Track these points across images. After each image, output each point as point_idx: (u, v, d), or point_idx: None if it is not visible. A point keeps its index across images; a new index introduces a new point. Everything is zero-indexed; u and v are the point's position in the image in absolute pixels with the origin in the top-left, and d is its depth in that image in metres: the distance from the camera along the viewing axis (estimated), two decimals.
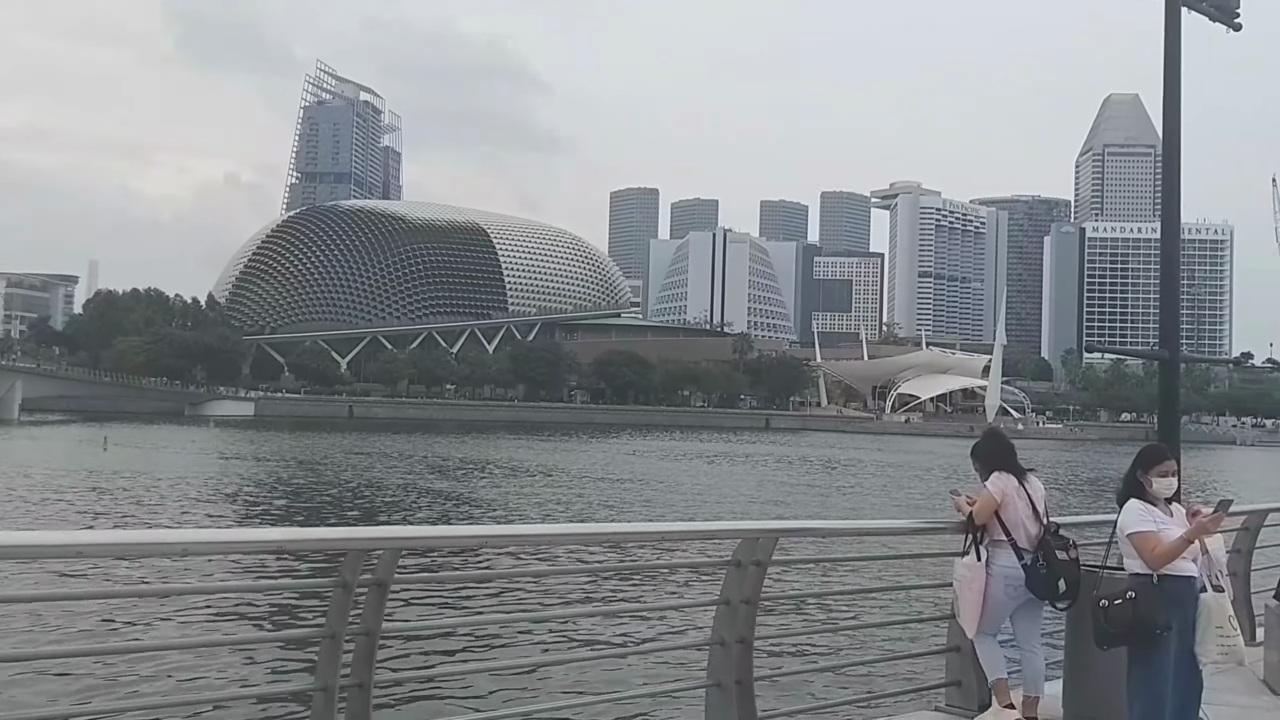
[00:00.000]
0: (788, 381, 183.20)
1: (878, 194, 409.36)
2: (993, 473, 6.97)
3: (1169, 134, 8.03)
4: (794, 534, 8.08)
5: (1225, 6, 8.33)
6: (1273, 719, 7.55)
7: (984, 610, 6.75)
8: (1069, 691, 7.00)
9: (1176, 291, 8.27)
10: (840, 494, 46.36)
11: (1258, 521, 10.03)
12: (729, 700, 6.01)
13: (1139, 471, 6.27)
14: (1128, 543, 6.14)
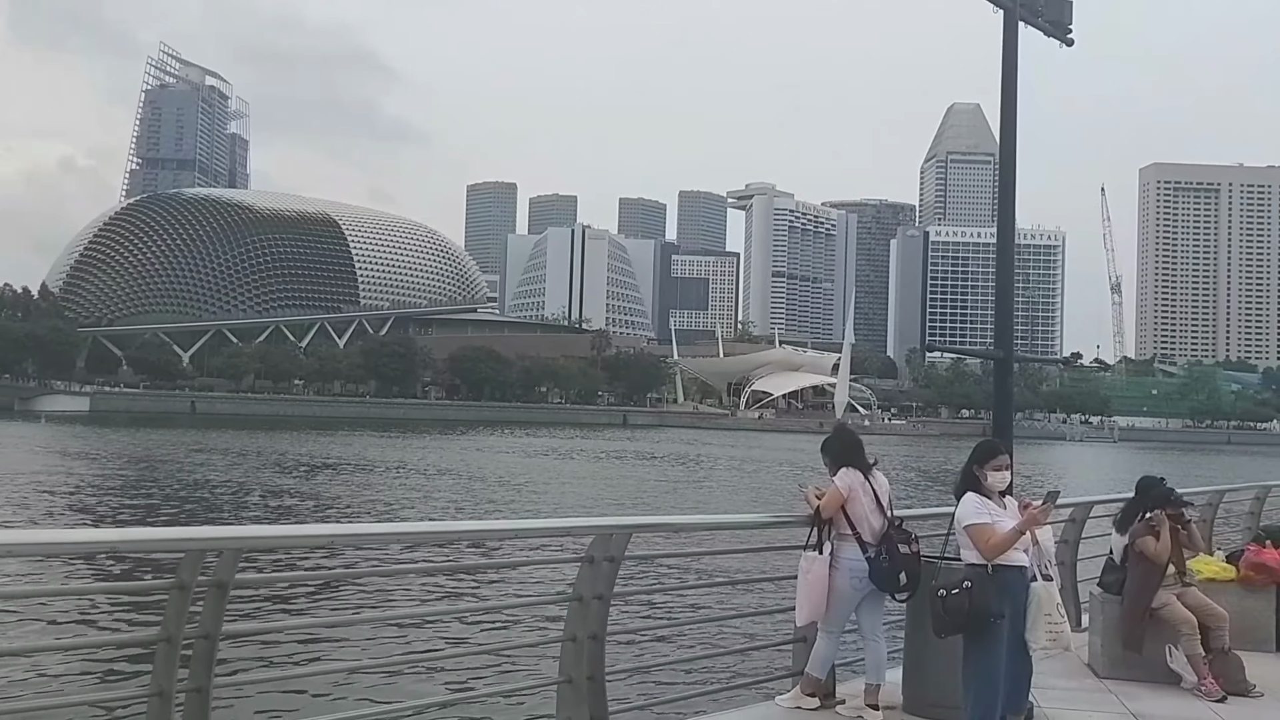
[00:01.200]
0: (645, 378, 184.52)
1: (734, 194, 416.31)
2: (841, 468, 7.15)
3: (1005, 143, 8.37)
4: (647, 529, 8.11)
5: (1059, 22, 8.73)
6: (1096, 700, 7.95)
7: (830, 603, 6.93)
8: (908, 679, 7.22)
9: (1010, 294, 8.65)
10: (695, 489, 46.95)
11: (1084, 513, 10.55)
12: (580, 696, 6.00)
13: (975, 466, 6.50)
14: (964, 534, 6.35)
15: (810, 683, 7.08)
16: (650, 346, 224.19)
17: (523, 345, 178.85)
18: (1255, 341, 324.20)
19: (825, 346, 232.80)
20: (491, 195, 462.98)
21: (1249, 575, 9.81)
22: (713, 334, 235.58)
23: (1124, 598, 8.64)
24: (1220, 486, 14.78)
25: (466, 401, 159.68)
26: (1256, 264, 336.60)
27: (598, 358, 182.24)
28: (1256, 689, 8.14)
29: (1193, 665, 8.15)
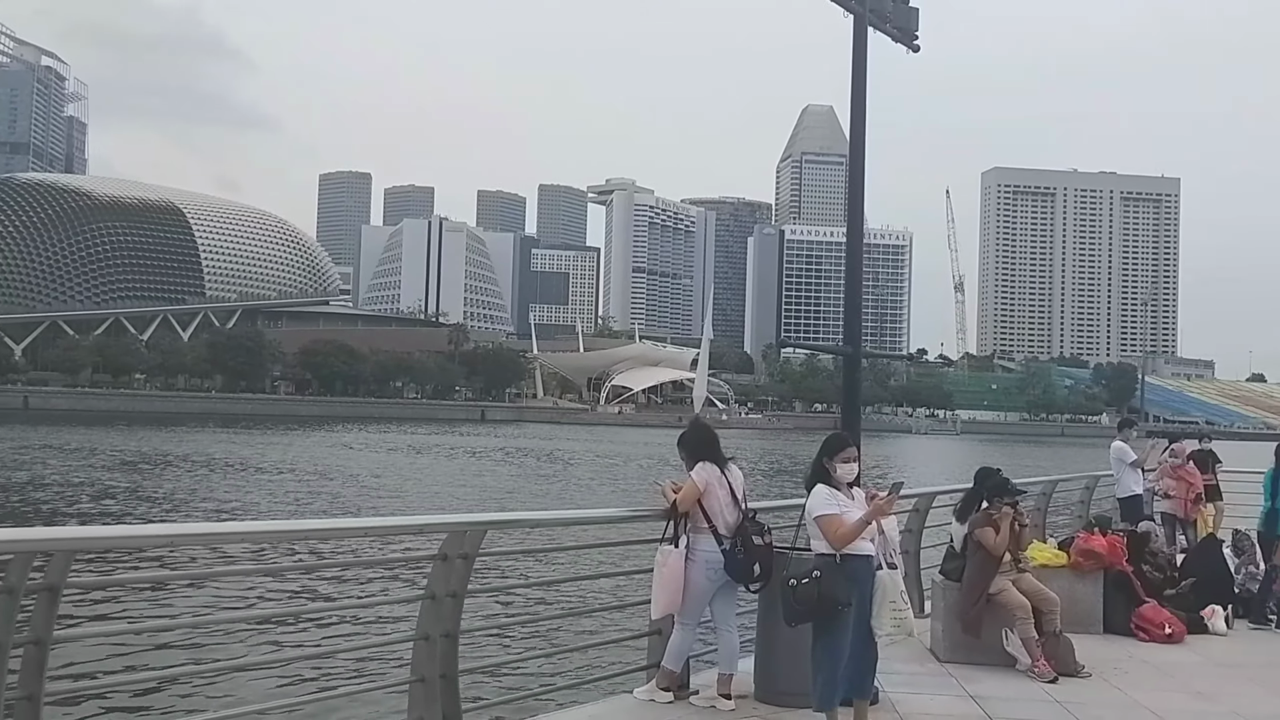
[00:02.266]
0: (504, 373, 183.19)
1: (594, 189, 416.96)
2: (697, 462, 7.24)
3: (855, 144, 8.61)
4: (503, 525, 8.06)
5: (906, 29, 9.02)
6: (937, 683, 8.25)
7: (686, 595, 7.02)
8: (760, 667, 7.37)
9: (859, 293, 8.89)
10: (553, 485, 46.86)
11: (927, 503, 10.95)
12: (433, 694, 5.93)
13: (824, 458, 6.66)
14: (814, 525, 6.50)
15: (666, 675, 7.16)
16: (509, 341, 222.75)
17: (377, 339, 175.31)
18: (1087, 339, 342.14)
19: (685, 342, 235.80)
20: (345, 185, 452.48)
21: (1079, 561, 10.35)
22: (573, 329, 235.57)
23: (962, 584, 9.00)
24: (1053, 477, 15.56)
25: (318, 397, 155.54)
26: (1089, 265, 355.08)
27: (455, 352, 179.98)
28: (1085, 669, 8.59)
29: (1027, 648, 8.54)
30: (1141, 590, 10.55)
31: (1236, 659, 9.56)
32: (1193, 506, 13.79)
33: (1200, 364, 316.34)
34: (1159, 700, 7.91)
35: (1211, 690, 8.36)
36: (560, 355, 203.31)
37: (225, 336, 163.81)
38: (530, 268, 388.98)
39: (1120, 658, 9.25)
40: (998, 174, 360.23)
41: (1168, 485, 13.94)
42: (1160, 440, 15.37)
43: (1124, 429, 15.17)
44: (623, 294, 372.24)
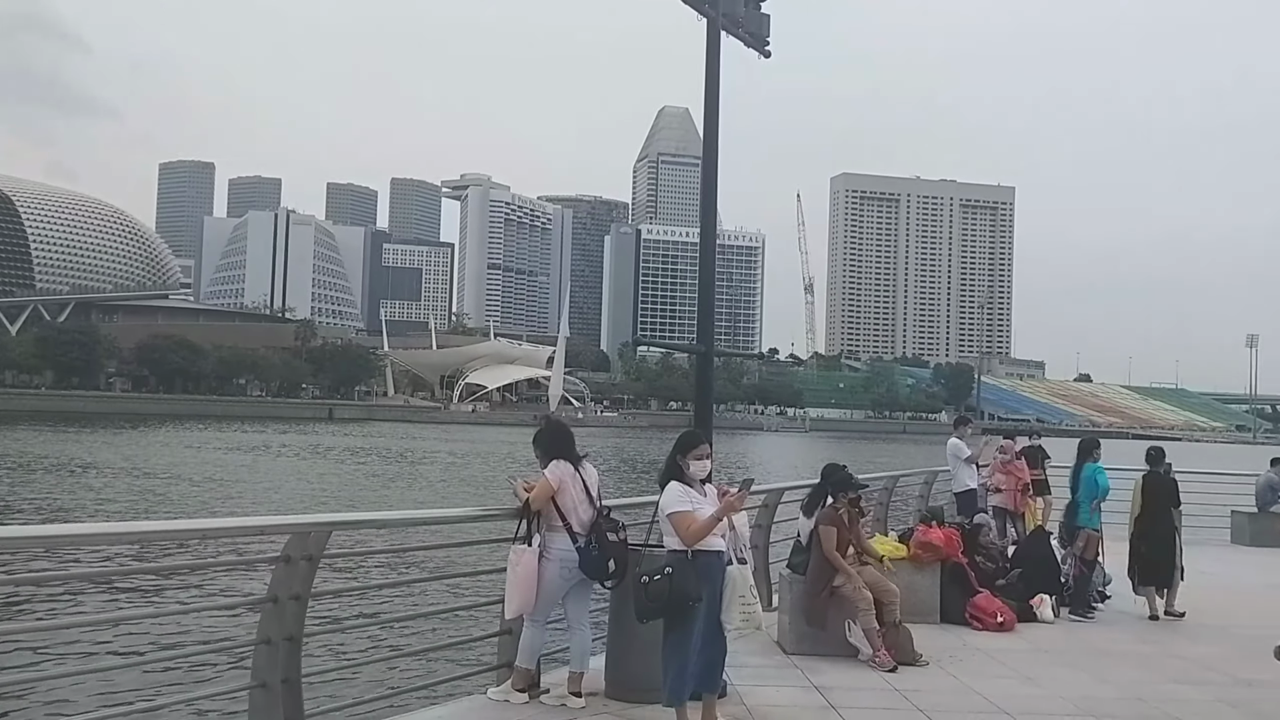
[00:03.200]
0: (353, 370, 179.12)
1: (449, 184, 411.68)
2: (551, 460, 7.24)
3: (708, 146, 8.73)
4: (349, 526, 7.90)
5: (758, 35, 9.20)
6: (783, 675, 8.45)
7: (539, 594, 7.00)
8: (611, 664, 7.40)
9: (712, 292, 9.03)
10: (404, 484, 46.07)
11: (776, 499, 11.19)
12: (274, 700, 5.76)
13: (678, 455, 6.74)
14: (667, 522, 6.57)
15: (520, 675, 7.13)
16: (359, 338, 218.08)
17: (220, 334, 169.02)
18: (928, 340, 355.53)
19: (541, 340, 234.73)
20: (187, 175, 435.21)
21: (918, 554, 10.75)
22: (426, 326, 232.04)
23: (807, 577, 9.24)
24: (895, 472, 16.09)
25: (156, 394, 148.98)
26: (930, 269, 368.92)
27: (302, 349, 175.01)
28: (923, 658, 8.93)
29: (868, 639, 8.82)
30: (975, 581, 11.04)
31: (1061, 645, 10.09)
32: (1022, 500, 14.48)
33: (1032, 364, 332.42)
34: (991, 686, 8.28)
35: (1040, 675, 8.80)
36: (412, 352, 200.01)
37: (56, 331, 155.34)
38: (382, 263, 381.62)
39: (956, 646, 9.64)
40: (846, 180, 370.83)
41: (999, 480, 14.60)
42: (994, 437, 16.11)
43: (960, 426, 15.84)
44: (477, 291, 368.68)
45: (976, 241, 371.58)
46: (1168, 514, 11.98)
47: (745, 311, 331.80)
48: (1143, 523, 11.93)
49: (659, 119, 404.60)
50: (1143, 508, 12.00)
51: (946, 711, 7.53)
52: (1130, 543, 11.96)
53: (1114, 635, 10.67)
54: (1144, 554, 11.74)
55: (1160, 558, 11.69)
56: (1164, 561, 11.68)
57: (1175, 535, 11.92)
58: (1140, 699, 8.17)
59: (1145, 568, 11.73)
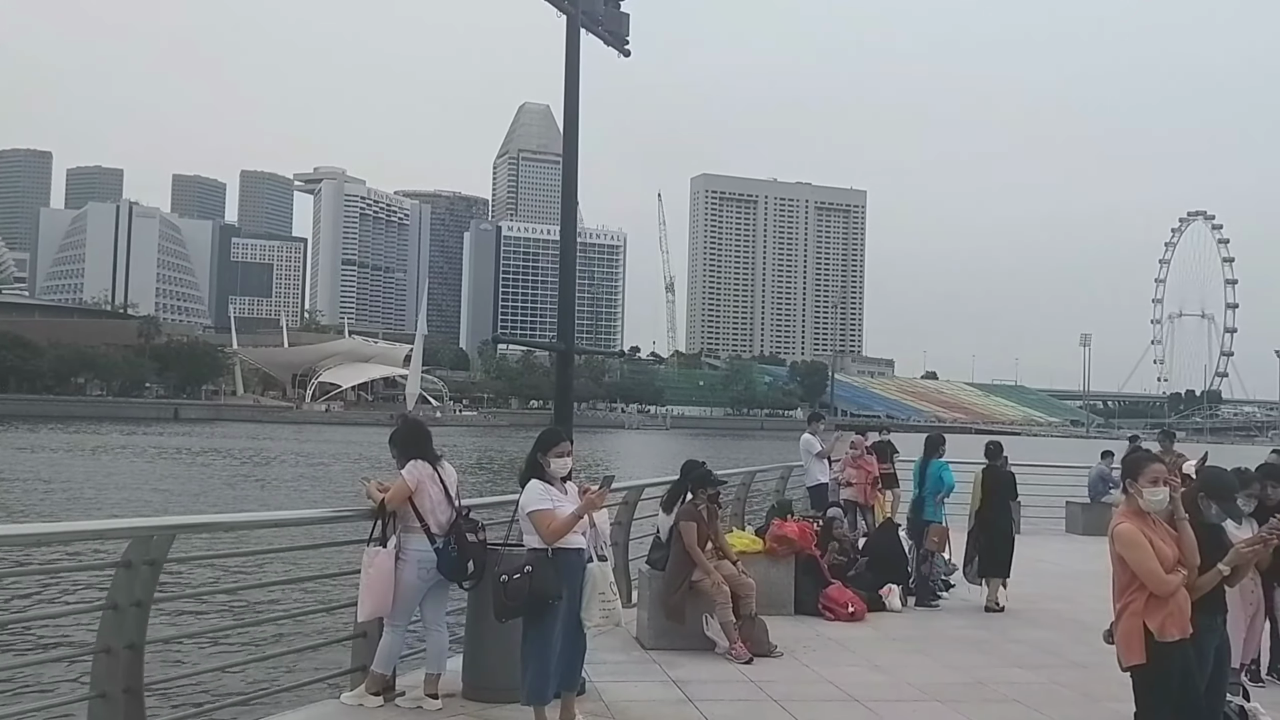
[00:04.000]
0: (200, 369, 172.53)
1: (301, 177, 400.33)
2: (408, 460, 7.14)
3: (568, 144, 8.74)
4: (194, 529, 7.64)
5: (618, 34, 9.24)
6: (642, 670, 8.53)
7: (397, 596, 6.91)
8: (469, 665, 7.35)
9: (573, 290, 9.04)
10: (253, 486, 44.66)
11: (636, 496, 11.28)
12: (115, 710, 5.53)
13: (538, 454, 6.72)
14: (528, 520, 6.55)
15: (376, 679, 7.01)
16: (207, 335, 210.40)
17: (57, 331, 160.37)
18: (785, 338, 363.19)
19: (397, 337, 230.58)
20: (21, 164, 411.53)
21: (773, 547, 10.99)
22: (277, 323, 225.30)
23: (666, 573, 9.35)
24: (751, 468, 16.42)
25: None
26: (787, 269, 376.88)
27: (146, 346, 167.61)
28: (778, 649, 9.14)
29: (725, 632, 8.99)
30: (828, 573, 11.35)
31: (908, 633, 10.47)
32: (872, 493, 14.94)
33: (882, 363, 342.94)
34: (842, 674, 8.54)
35: (888, 663, 9.11)
36: (263, 350, 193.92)
37: None
38: (230, 258, 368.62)
39: (809, 636, 9.91)
40: (705, 180, 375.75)
41: (850, 474, 15.03)
42: (845, 433, 16.58)
43: (813, 423, 16.27)
44: (331, 287, 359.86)
45: (830, 243, 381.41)
46: (1006, 507, 12.40)
47: (607, 310, 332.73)
48: (983, 515, 12.25)
49: (520, 115, 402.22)
50: (983, 501, 12.31)
51: (799, 700, 7.73)
52: (969, 534, 12.37)
53: (957, 623, 11.13)
54: (984, 546, 12.12)
55: (1000, 549, 12.06)
56: (1003, 553, 12.07)
57: (1012, 527, 12.38)
58: (981, 683, 8.55)
59: (985, 559, 12.11)
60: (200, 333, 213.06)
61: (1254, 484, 7.12)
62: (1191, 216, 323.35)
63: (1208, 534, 5.62)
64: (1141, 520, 5.42)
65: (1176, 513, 5.47)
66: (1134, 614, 5.35)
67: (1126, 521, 5.43)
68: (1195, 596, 5.45)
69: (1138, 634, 5.32)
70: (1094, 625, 6.11)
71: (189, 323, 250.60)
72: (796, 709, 7.52)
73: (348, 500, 30.99)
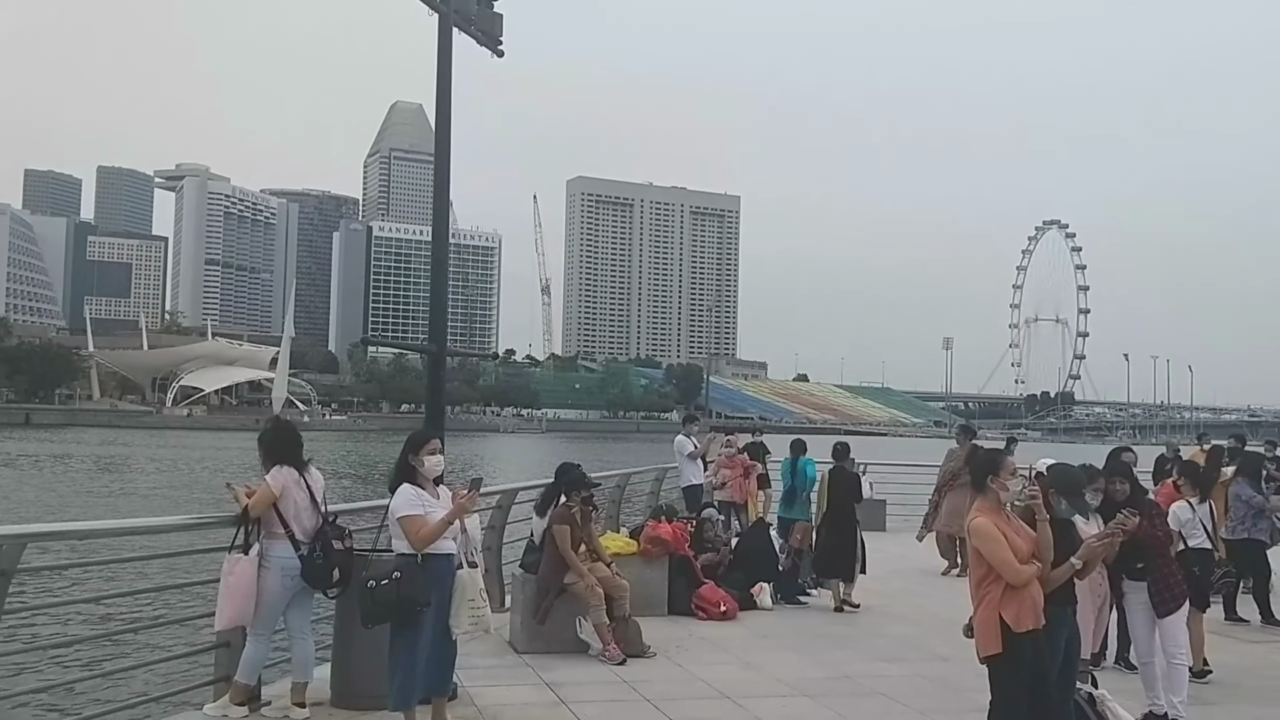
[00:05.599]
0: (53, 372, 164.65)
1: (162, 174, 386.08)
2: (274, 466, 6.97)
3: (440, 143, 8.63)
4: (47, 538, 7.31)
5: (491, 34, 9.17)
6: (515, 674, 8.49)
7: (260, 604, 6.74)
8: (336, 672, 7.22)
9: (445, 291, 8.93)
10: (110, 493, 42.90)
11: (509, 499, 11.22)
12: None
13: (409, 455, 6.65)
14: (397, 525, 6.47)
15: (240, 689, 6.82)
16: (60, 336, 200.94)
17: None
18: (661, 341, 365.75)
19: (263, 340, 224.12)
20: None
21: (648, 548, 11.07)
22: (136, 324, 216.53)
23: (539, 576, 9.33)
24: (627, 470, 16.50)
25: None
26: (662, 273, 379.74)
27: None
28: (651, 649, 9.21)
29: (599, 634, 9.01)
30: (701, 572, 11.48)
31: (778, 631, 10.68)
32: (746, 492, 15.17)
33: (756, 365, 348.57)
34: (713, 672, 8.66)
35: (759, 660, 9.27)
36: (121, 353, 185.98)
37: None
38: (86, 257, 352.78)
39: (682, 636, 10.01)
40: (581, 183, 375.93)
41: (724, 475, 15.23)
42: (719, 434, 16.81)
43: (687, 424, 16.45)
44: (194, 288, 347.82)
45: (706, 247, 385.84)
46: (851, 508, 12.31)
47: (481, 312, 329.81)
48: (829, 516, 12.21)
49: (391, 114, 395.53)
50: (829, 501, 12.29)
51: (672, 700, 7.80)
52: (816, 534, 12.43)
53: (825, 619, 11.39)
54: (829, 547, 12.07)
55: (845, 550, 11.96)
56: (849, 553, 11.97)
57: (857, 528, 12.26)
58: (848, 677, 8.77)
59: (831, 560, 12.07)
60: (54, 334, 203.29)
61: (1099, 479, 7.47)
62: (1047, 225, 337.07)
63: (1059, 528, 5.87)
64: (996, 515, 5.63)
65: (1039, 513, 5.70)
66: (990, 605, 5.54)
67: (982, 516, 5.63)
68: (1048, 589, 5.68)
69: (994, 625, 5.51)
70: (956, 619, 6.33)
71: (41, 324, 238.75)
72: (669, 708, 7.59)
73: (211, 507, 30.01)
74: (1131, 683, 8.03)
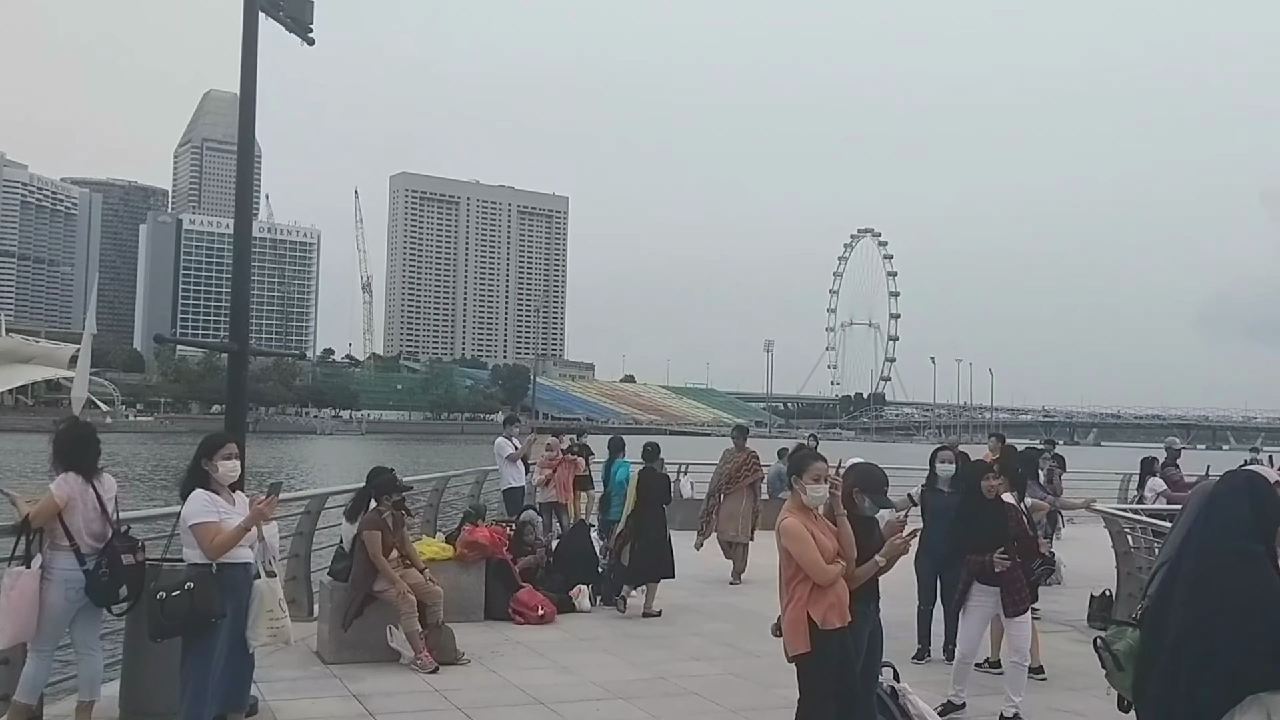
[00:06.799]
0: None
1: None
2: (62, 472, 6.52)
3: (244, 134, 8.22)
4: None
5: (300, 20, 8.79)
6: (321, 686, 8.18)
7: (42, 620, 6.29)
8: (126, 688, 6.90)
9: (247, 287, 8.52)
10: None
11: (319, 505, 10.85)
12: None
13: (203, 460, 6.34)
14: (189, 534, 6.15)
15: (19, 710, 6.35)
16: None
17: None
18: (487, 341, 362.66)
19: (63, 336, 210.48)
20: None
21: (464, 553, 10.88)
22: None
23: (349, 583, 9.03)
24: (445, 473, 16.23)
25: None
26: (489, 272, 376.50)
27: None
28: (465, 656, 9.04)
29: (411, 642, 8.78)
30: (519, 576, 11.36)
31: (595, 633, 10.65)
32: (566, 494, 15.14)
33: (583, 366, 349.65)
34: (529, 678, 8.56)
35: (575, 663, 9.22)
36: None
37: None
38: None
39: (498, 641, 9.87)
40: (405, 179, 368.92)
41: (547, 476, 15.16)
42: (543, 435, 16.73)
43: (508, 426, 16.31)
44: None
45: (533, 247, 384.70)
46: (660, 510, 12.03)
47: (299, 310, 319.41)
48: (637, 518, 11.91)
49: (204, 103, 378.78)
50: (637, 503, 11.96)
51: (484, 707, 7.67)
52: (619, 537, 12.16)
53: (642, 620, 11.41)
54: (638, 550, 11.77)
55: (655, 553, 11.72)
56: (660, 557, 11.74)
57: (666, 530, 12.06)
58: (662, 677, 8.82)
59: (639, 563, 11.78)
60: None
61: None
62: (861, 233, 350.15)
63: (861, 526, 6.02)
64: (805, 515, 5.73)
65: (835, 508, 5.82)
66: (799, 604, 5.64)
67: (791, 516, 5.72)
68: (854, 586, 5.82)
69: (802, 624, 5.60)
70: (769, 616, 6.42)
71: None
72: (480, 715, 7.46)
73: None
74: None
